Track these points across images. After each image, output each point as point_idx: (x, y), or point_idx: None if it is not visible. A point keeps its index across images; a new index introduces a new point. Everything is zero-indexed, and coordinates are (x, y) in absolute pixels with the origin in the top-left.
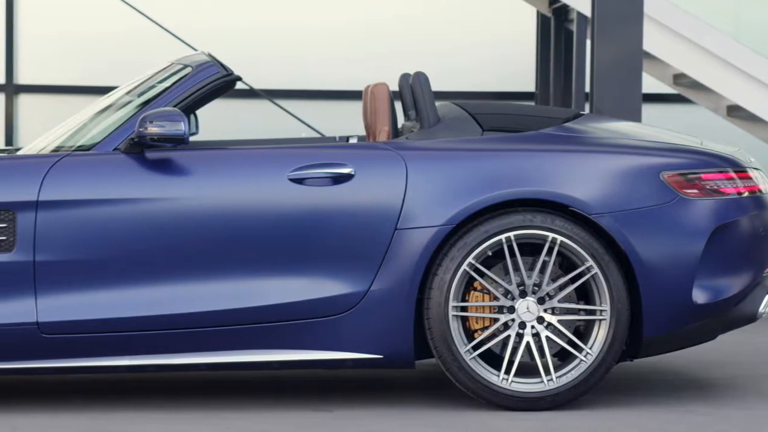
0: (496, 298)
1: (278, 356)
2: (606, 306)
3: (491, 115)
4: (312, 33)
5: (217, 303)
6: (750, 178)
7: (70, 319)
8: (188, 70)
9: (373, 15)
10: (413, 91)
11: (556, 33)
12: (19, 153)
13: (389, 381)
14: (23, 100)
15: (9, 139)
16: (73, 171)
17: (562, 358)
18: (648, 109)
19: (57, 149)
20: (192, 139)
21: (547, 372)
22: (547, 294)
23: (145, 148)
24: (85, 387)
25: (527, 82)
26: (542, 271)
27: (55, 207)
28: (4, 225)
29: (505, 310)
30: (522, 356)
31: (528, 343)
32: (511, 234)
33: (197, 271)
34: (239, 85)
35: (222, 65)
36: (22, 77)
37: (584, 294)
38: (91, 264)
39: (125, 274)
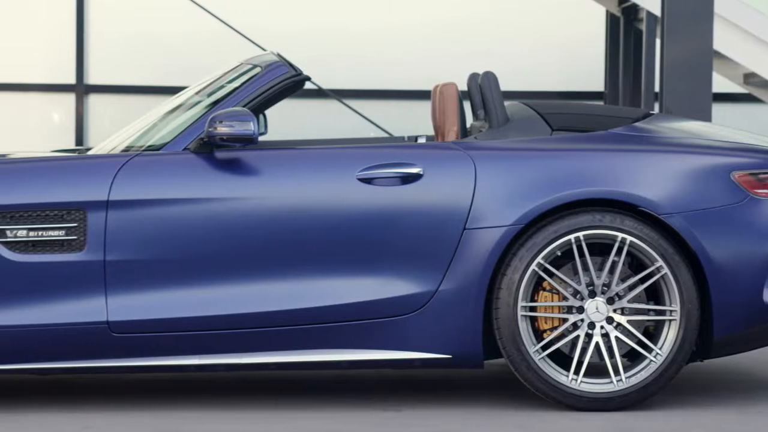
0: (565, 298)
1: (347, 356)
2: (676, 306)
3: (560, 115)
4: (381, 33)
5: (287, 302)
6: None
7: (140, 318)
8: (257, 70)
9: (442, 14)
10: (482, 91)
11: (625, 32)
12: (90, 153)
13: (458, 381)
14: (93, 100)
15: (79, 138)
16: (143, 171)
17: (632, 358)
18: (718, 109)
19: (127, 149)
20: (261, 139)
21: (617, 372)
22: (617, 294)
23: (215, 148)
24: (155, 386)
25: (596, 82)
26: (611, 271)
27: (126, 206)
28: (75, 224)
29: (574, 311)
30: (591, 356)
31: (597, 344)
32: (581, 234)
33: (266, 270)
34: (308, 85)
35: (291, 65)
36: (92, 77)
37: (654, 294)
38: (161, 263)
39: (195, 273)
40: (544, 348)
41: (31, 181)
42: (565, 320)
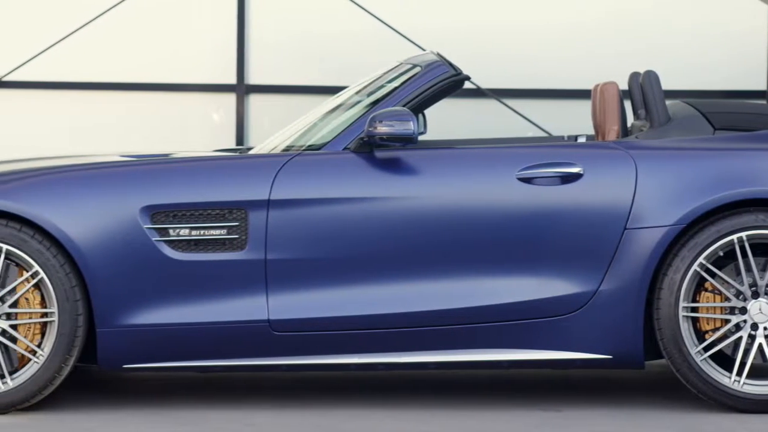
0: (727, 299)
1: (507, 356)
2: None
3: (723, 114)
4: (540, 31)
5: (447, 302)
6: None
7: (301, 316)
8: (417, 69)
9: (603, 11)
10: (643, 90)
11: None
12: (251, 152)
13: (618, 382)
14: (253, 100)
15: (240, 138)
16: (304, 170)
17: None
18: None
19: (287, 149)
20: (420, 138)
21: None
22: None
23: (375, 148)
24: (316, 384)
25: (759, 81)
26: None
27: (286, 206)
28: (236, 224)
29: (736, 311)
30: (754, 358)
31: (760, 345)
32: (743, 234)
33: (426, 269)
34: (466, 84)
35: (451, 65)
36: (253, 77)
37: None
38: (321, 262)
39: (355, 272)
40: (705, 349)
41: (193, 181)
42: (727, 321)
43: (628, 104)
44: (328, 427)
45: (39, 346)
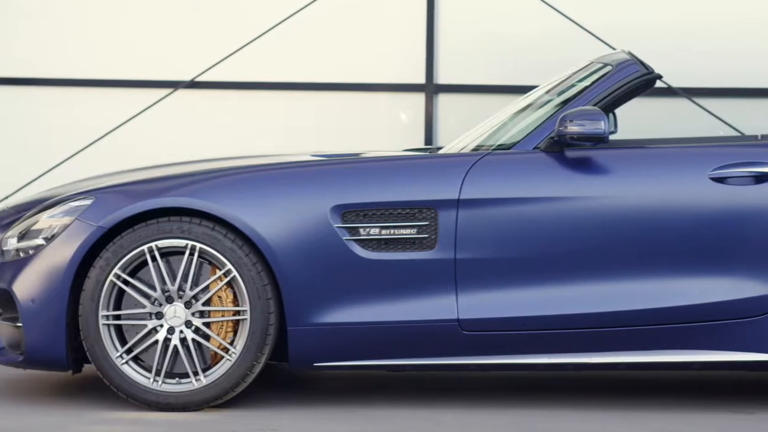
0: None
1: (698, 357)
2: None
3: None
4: (733, 28)
5: (637, 302)
6: None
7: (490, 316)
8: (608, 68)
9: None
10: None
11: None
12: (441, 152)
13: None
14: (442, 100)
15: (428, 138)
16: (494, 170)
17: None
18: None
19: (477, 148)
20: (611, 137)
21: None
22: None
23: (565, 147)
24: (504, 384)
25: None
26: None
27: (476, 205)
28: (426, 223)
29: None
30: None
31: None
32: None
33: (617, 269)
34: (658, 83)
35: (642, 63)
36: (442, 77)
37: None
38: (510, 262)
39: (545, 272)
40: None
41: (383, 180)
42: None
43: None
44: (525, 426)
45: (231, 343)
